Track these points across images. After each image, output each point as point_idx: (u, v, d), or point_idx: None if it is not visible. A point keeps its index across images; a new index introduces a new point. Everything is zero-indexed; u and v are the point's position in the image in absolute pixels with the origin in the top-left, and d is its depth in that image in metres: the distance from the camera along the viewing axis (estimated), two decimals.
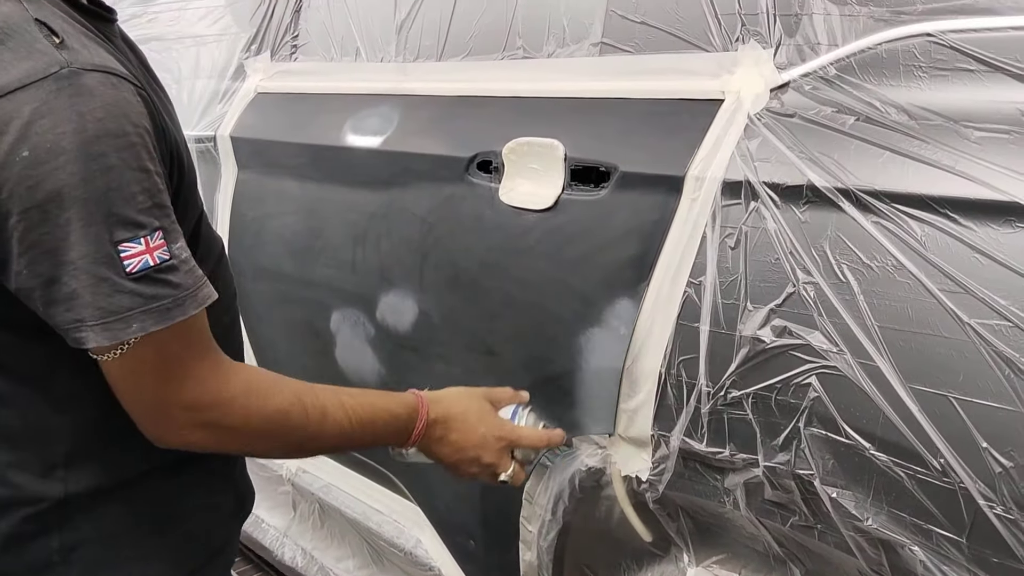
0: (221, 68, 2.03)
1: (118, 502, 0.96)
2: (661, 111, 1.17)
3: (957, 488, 0.86)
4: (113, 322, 0.81)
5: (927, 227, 0.89)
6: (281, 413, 0.93)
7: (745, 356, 1.01)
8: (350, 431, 1.00)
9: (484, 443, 1.10)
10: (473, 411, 1.11)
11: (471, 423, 1.10)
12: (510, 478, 1.12)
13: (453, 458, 1.10)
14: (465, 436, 1.09)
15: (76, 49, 0.81)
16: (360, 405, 1.02)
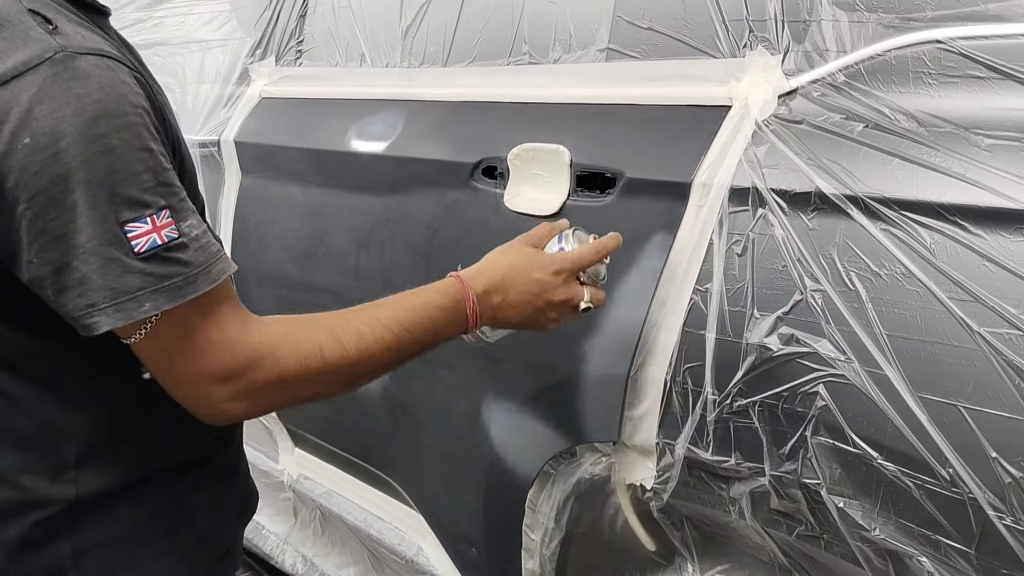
0: (225, 73, 2.03)
1: (128, 503, 0.95)
2: (668, 117, 1.16)
3: (966, 498, 0.85)
4: (125, 302, 0.79)
5: (936, 235, 0.88)
6: (315, 354, 0.89)
7: (752, 364, 1.01)
8: (398, 343, 0.95)
9: (545, 286, 1.03)
10: (519, 263, 1.04)
11: (524, 274, 1.03)
12: (591, 302, 1.05)
13: (526, 313, 1.03)
14: (524, 289, 1.02)
15: (69, 34, 0.81)
16: (400, 313, 0.96)
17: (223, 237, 1.94)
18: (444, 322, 0.99)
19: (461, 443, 1.48)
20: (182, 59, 2.17)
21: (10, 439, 0.91)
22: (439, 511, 1.61)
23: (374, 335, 0.93)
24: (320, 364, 0.90)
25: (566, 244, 1.07)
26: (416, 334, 0.97)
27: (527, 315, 1.03)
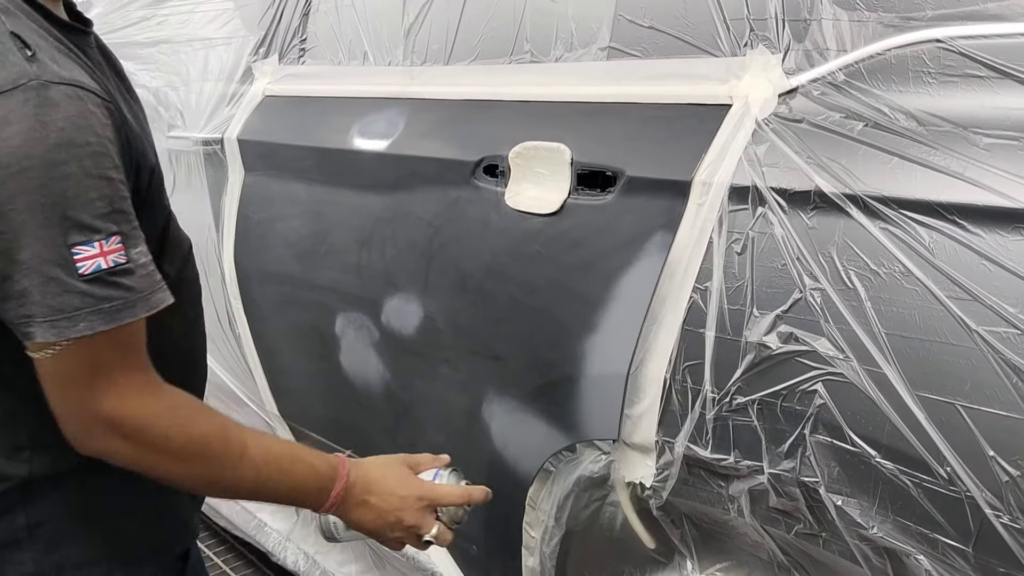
0: (229, 71, 2.03)
1: (82, 483, 0.98)
2: (668, 116, 1.17)
3: (963, 497, 0.85)
4: (60, 320, 0.83)
5: (935, 233, 0.88)
6: (203, 439, 0.93)
7: (751, 362, 1.01)
8: (267, 474, 0.98)
9: (404, 505, 1.08)
10: (392, 475, 1.10)
11: (390, 486, 1.08)
12: (435, 538, 1.10)
13: (376, 523, 1.08)
14: (385, 499, 1.07)
15: (46, 63, 0.85)
16: (282, 451, 1.03)
17: (226, 235, 1.95)
18: (310, 484, 1.03)
19: (462, 440, 1.48)
20: (186, 57, 2.18)
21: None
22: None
23: (253, 456, 0.97)
24: (202, 451, 0.93)
25: (440, 479, 1.13)
26: (284, 477, 1.00)
27: (378, 524, 1.08)
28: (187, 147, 2.06)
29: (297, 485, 1.02)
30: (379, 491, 1.07)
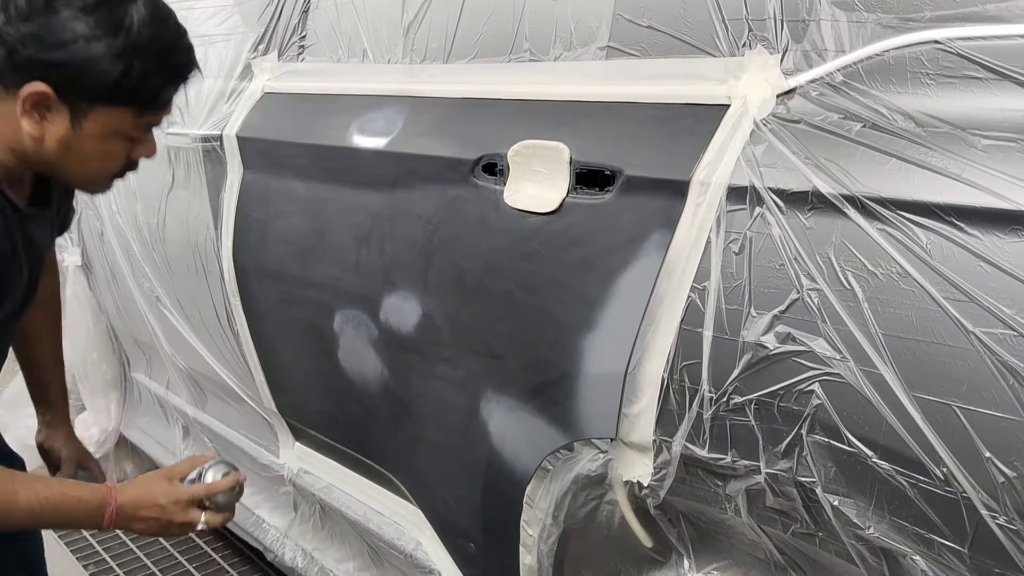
0: (228, 68, 2.03)
1: None
2: (667, 115, 1.17)
3: (960, 498, 0.85)
4: None
5: (932, 235, 0.88)
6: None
7: (748, 362, 1.01)
8: (40, 512, 1.23)
9: (168, 511, 1.33)
10: (154, 490, 1.34)
11: (153, 498, 1.33)
12: (206, 524, 1.36)
13: (154, 528, 1.35)
14: (151, 510, 1.32)
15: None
16: (52, 493, 1.25)
17: (225, 232, 1.95)
18: (82, 513, 1.28)
19: (460, 438, 1.48)
20: None
21: None
22: (438, 506, 1.62)
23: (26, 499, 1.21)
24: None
25: (205, 477, 1.38)
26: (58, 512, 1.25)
27: (155, 529, 1.35)
28: (186, 144, 2.06)
29: (71, 518, 1.29)
30: (145, 505, 1.32)
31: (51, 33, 1.10)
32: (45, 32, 1.10)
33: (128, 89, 1.14)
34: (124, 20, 1.12)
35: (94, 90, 1.13)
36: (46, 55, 1.10)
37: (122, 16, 1.12)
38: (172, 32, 1.19)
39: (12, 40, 1.10)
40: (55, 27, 1.10)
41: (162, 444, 2.71)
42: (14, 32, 1.10)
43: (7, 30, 1.11)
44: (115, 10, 1.12)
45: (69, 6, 1.11)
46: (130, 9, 1.13)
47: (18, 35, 1.10)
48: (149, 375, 2.74)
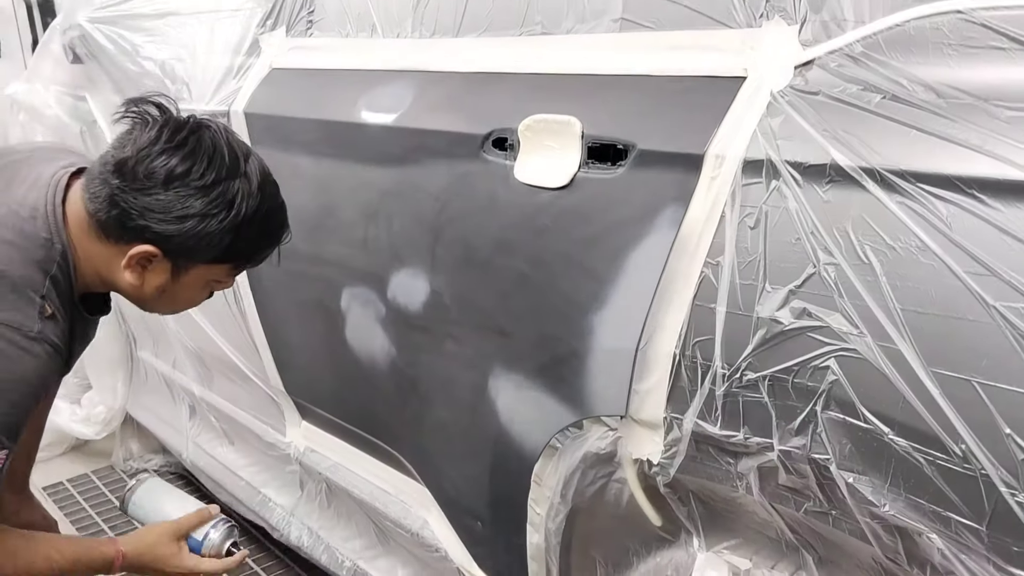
0: (236, 44, 2.01)
1: None
2: (682, 88, 1.15)
3: (978, 475, 0.84)
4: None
5: (953, 207, 0.86)
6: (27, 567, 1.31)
7: (762, 338, 1.00)
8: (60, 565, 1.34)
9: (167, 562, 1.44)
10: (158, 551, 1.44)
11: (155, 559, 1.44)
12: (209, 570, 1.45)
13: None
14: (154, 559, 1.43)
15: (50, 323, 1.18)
16: (70, 549, 1.37)
17: None
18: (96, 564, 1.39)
19: (468, 417, 1.47)
20: (193, 29, 2.16)
21: None
22: (445, 485, 1.61)
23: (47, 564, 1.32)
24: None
25: (209, 537, 1.49)
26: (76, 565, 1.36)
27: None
28: None
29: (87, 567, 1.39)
30: (148, 564, 1.43)
31: (168, 209, 1.17)
32: (164, 207, 1.17)
33: (232, 254, 1.24)
34: (236, 198, 1.20)
35: (201, 255, 1.22)
36: (163, 227, 1.17)
37: (234, 193, 1.19)
38: (272, 199, 1.27)
39: (128, 206, 1.17)
40: (173, 203, 1.17)
41: (168, 423, 2.71)
42: (132, 200, 1.17)
43: (125, 196, 1.17)
44: (229, 187, 1.19)
45: (188, 185, 1.17)
46: (241, 186, 1.20)
47: (136, 204, 1.17)
48: (155, 354, 2.74)
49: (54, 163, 1.29)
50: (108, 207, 1.19)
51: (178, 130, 1.19)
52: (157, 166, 1.17)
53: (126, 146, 1.19)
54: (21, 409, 1.17)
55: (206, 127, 1.22)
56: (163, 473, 3.02)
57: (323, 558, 2.08)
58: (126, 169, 1.17)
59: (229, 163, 1.20)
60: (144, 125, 1.20)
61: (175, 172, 1.17)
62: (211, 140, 1.20)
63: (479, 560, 1.59)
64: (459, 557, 1.63)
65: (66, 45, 2.55)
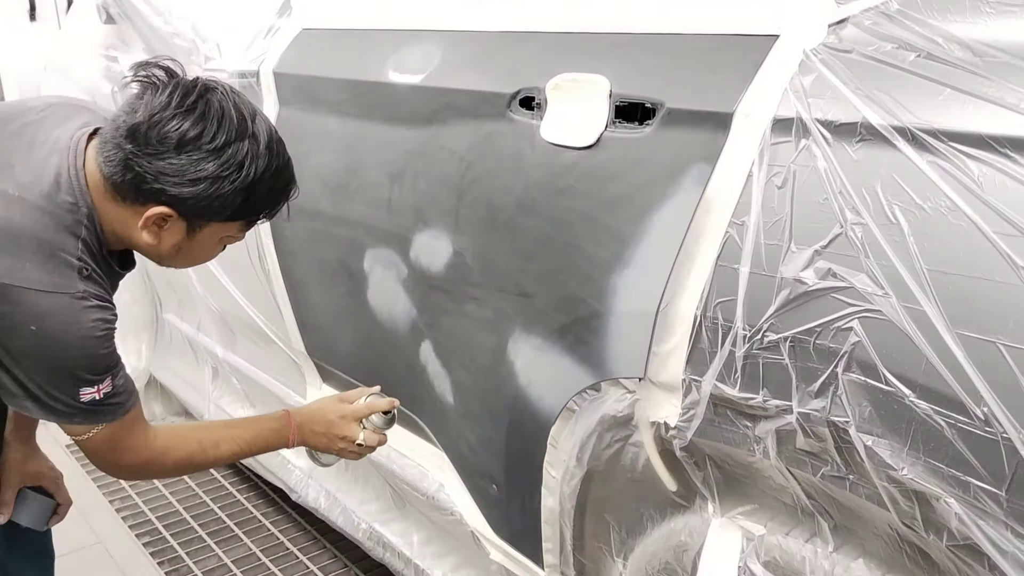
0: (267, 3, 2.01)
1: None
2: (713, 46, 1.13)
3: (1000, 438, 0.83)
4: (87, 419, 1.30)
5: (985, 167, 0.85)
6: (189, 457, 1.42)
7: (785, 299, 0.98)
8: (239, 449, 1.47)
9: (335, 425, 1.52)
10: (325, 408, 1.54)
11: (324, 416, 1.52)
12: (364, 440, 1.52)
13: (324, 441, 1.53)
14: (322, 424, 1.52)
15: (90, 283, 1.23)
16: (245, 429, 1.49)
17: None
18: (274, 439, 1.50)
19: (486, 379, 1.47)
20: None
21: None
22: (461, 448, 1.61)
23: (227, 445, 1.45)
24: (189, 463, 1.43)
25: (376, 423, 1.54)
26: (253, 446, 1.49)
27: (325, 442, 1.53)
28: (223, 79, 2.05)
29: (267, 445, 1.50)
30: (319, 420, 1.52)
31: (182, 172, 1.20)
32: (177, 170, 1.19)
33: (245, 211, 1.28)
34: (246, 159, 1.22)
35: (215, 215, 1.25)
36: (178, 190, 1.21)
37: (244, 154, 1.22)
38: (280, 157, 1.29)
39: (143, 170, 1.20)
40: (186, 167, 1.20)
41: (191, 385, 2.73)
42: (147, 164, 1.19)
43: (139, 161, 1.20)
44: (239, 149, 1.22)
45: (200, 148, 1.19)
46: (250, 146, 1.23)
47: (151, 168, 1.20)
48: (180, 316, 2.76)
49: (70, 123, 1.30)
50: (123, 171, 1.21)
51: (187, 94, 1.21)
52: (169, 130, 1.19)
53: (137, 111, 1.20)
54: (103, 354, 1.25)
55: (213, 89, 1.23)
56: None
57: (339, 520, 2.10)
58: (139, 134, 1.19)
59: (238, 124, 1.22)
60: (154, 89, 1.21)
61: (187, 136, 1.19)
62: (219, 103, 1.22)
63: (493, 523, 1.60)
64: (474, 520, 1.64)
65: (99, 5, 2.56)
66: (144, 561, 2.40)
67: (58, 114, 1.33)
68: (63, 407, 1.25)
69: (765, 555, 1.12)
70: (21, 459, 1.64)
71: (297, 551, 2.42)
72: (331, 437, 1.52)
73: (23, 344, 1.20)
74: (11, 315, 1.18)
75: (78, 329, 1.21)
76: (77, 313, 1.21)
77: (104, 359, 1.26)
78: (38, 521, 1.65)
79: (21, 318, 1.18)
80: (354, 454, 1.55)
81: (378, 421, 1.53)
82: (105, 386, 1.26)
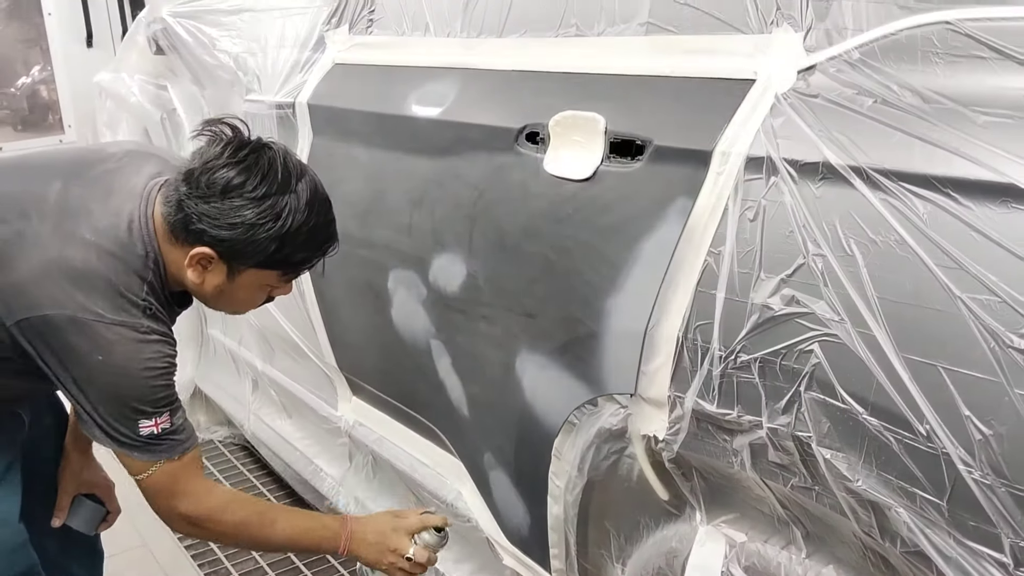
0: (303, 39, 2.14)
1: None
2: (697, 89, 1.22)
3: (940, 453, 0.90)
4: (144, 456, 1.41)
5: (929, 205, 0.93)
6: (244, 522, 1.48)
7: (755, 323, 1.07)
8: (293, 535, 1.52)
9: (387, 536, 1.56)
10: (380, 520, 1.59)
11: (379, 527, 1.57)
12: (414, 555, 1.55)
13: (374, 552, 1.56)
14: (376, 535, 1.56)
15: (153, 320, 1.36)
16: (303, 518, 1.56)
17: None
18: (327, 539, 1.54)
19: (497, 394, 1.57)
20: (265, 25, 2.30)
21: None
22: (476, 458, 1.71)
23: (282, 526, 1.51)
24: (243, 530, 1.48)
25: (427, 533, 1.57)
26: (305, 538, 1.54)
27: (375, 553, 1.55)
28: (262, 110, 2.18)
29: (320, 541, 1.55)
30: (372, 530, 1.57)
31: (224, 216, 1.32)
32: (219, 214, 1.32)
33: (279, 261, 1.38)
34: (284, 211, 1.33)
35: (251, 260, 1.36)
36: (217, 232, 1.33)
37: (283, 207, 1.33)
38: (321, 216, 1.40)
39: (190, 211, 1.33)
40: (228, 212, 1.32)
41: (233, 396, 2.87)
42: (194, 206, 1.33)
43: (189, 203, 1.33)
44: (278, 201, 1.33)
45: (242, 196, 1.31)
46: (291, 201, 1.33)
47: (197, 210, 1.33)
48: (224, 332, 2.90)
49: (144, 171, 1.45)
50: (176, 211, 1.35)
51: (241, 147, 1.34)
52: (218, 178, 1.32)
53: (196, 158, 1.34)
54: (162, 386, 1.36)
55: (267, 147, 1.36)
56: (227, 444, 3.20)
57: None
58: (192, 178, 1.33)
59: (281, 180, 1.34)
60: (216, 141, 1.35)
61: (232, 183, 1.31)
62: (268, 159, 1.34)
63: (505, 530, 1.69)
64: (488, 527, 1.73)
65: (150, 37, 2.72)
66: (185, 563, 2.53)
67: (135, 163, 1.47)
68: (124, 438, 1.36)
69: (745, 561, 1.20)
70: (79, 468, 1.78)
71: (330, 555, 2.54)
72: (382, 549, 1.55)
73: (90, 373, 1.32)
74: (80, 346, 1.31)
75: (140, 360, 1.33)
76: (140, 345, 1.33)
77: (163, 390, 1.37)
78: (89, 526, 1.78)
79: (89, 348, 1.31)
80: (403, 572, 1.56)
81: (430, 539, 1.56)
82: (163, 421, 1.37)
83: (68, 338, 1.31)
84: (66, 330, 1.31)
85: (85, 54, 4.03)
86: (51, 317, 1.30)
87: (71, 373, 1.34)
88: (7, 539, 1.53)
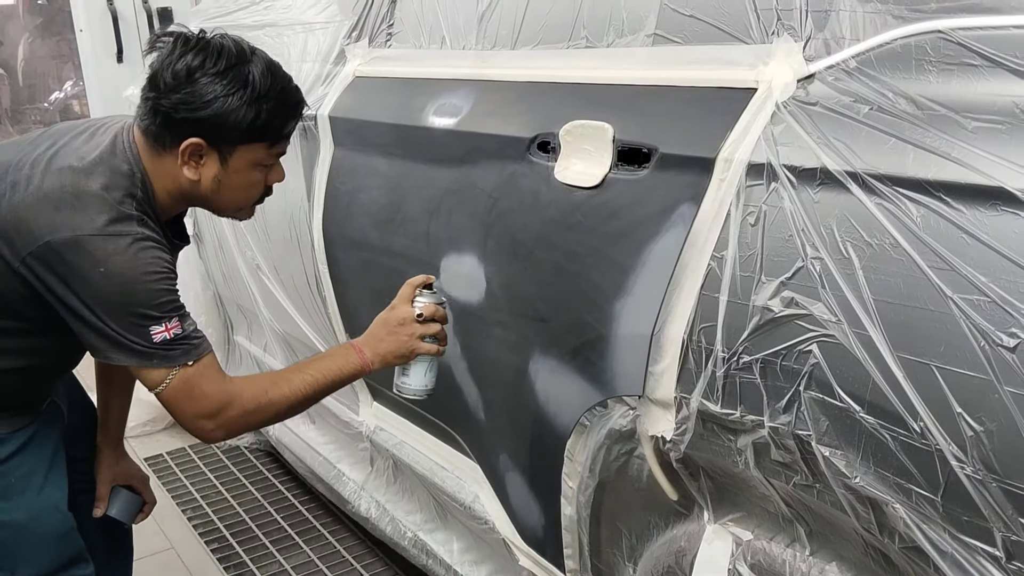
0: (325, 53, 2.20)
1: None
2: (702, 98, 1.26)
3: (934, 450, 0.93)
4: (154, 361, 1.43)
5: (922, 208, 0.95)
6: (263, 392, 1.48)
7: (756, 324, 1.10)
8: (315, 379, 1.51)
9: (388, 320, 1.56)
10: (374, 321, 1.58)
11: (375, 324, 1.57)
12: (421, 309, 1.55)
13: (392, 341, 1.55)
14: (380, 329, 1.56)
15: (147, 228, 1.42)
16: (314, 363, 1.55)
17: (316, 205, 2.12)
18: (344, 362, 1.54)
19: (512, 397, 1.60)
20: (288, 39, 2.36)
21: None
22: (493, 461, 1.75)
23: (300, 378, 1.51)
24: (266, 400, 1.48)
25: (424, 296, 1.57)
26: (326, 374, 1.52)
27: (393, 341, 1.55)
28: None
29: (339, 370, 1.53)
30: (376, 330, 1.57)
31: (196, 97, 1.40)
32: (191, 97, 1.40)
33: (260, 128, 1.44)
34: (248, 76, 1.42)
35: (235, 134, 1.43)
36: (195, 114, 1.41)
37: (246, 74, 1.42)
38: (284, 79, 1.49)
39: (166, 109, 1.41)
40: (198, 92, 1.40)
41: None
42: (166, 102, 1.41)
43: (161, 102, 1.41)
44: (241, 71, 1.42)
45: (206, 74, 1.40)
46: (252, 68, 1.43)
47: (170, 103, 1.41)
48: (249, 338, 2.96)
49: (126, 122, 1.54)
50: (152, 116, 1.43)
51: (188, 40, 1.44)
52: (179, 68, 1.40)
53: (155, 65, 1.44)
54: (164, 289, 1.40)
55: (210, 34, 1.46)
56: (253, 450, 3.26)
57: (388, 529, 2.25)
58: (156, 80, 1.42)
59: (237, 53, 1.44)
60: (164, 46, 1.45)
61: (192, 67, 1.40)
62: (217, 40, 1.44)
63: (521, 531, 1.72)
64: (504, 529, 1.77)
65: None
66: (212, 565, 2.59)
67: (119, 120, 1.57)
68: (138, 346, 1.39)
69: (751, 558, 1.23)
70: (113, 461, 1.86)
71: (352, 559, 2.58)
72: (394, 330, 1.54)
73: (95, 288, 1.37)
74: (82, 263, 1.36)
75: (139, 265, 1.38)
76: (137, 252, 1.38)
77: (166, 294, 1.40)
78: (127, 515, 1.84)
79: (90, 263, 1.36)
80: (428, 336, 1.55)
81: (425, 297, 1.56)
82: (174, 327, 1.40)
83: (69, 258, 1.37)
84: (66, 252, 1.37)
85: (115, 69, 4.13)
86: (51, 243, 1.36)
87: (79, 295, 1.38)
88: (58, 524, 1.60)
